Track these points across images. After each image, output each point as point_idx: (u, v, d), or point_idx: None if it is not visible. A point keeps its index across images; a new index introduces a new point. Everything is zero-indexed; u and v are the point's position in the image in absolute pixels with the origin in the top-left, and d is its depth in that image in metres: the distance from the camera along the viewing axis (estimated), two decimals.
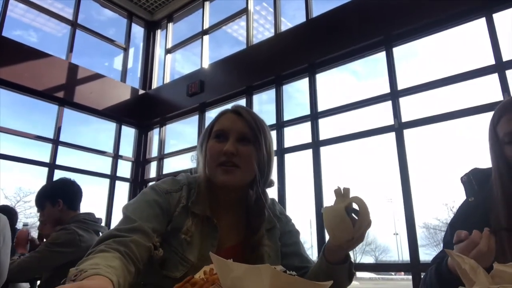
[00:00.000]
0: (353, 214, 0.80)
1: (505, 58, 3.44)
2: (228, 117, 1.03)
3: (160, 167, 6.40)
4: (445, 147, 4.70)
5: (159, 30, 7.37)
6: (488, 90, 3.55)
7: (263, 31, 5.94)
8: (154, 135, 6.76)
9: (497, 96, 3.38)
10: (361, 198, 0.79)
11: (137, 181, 6.41)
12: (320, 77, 4.80)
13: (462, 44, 4.08)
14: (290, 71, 4.92)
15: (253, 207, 1.02)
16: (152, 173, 6.53)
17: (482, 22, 3.64)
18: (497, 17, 3.57)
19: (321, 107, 4.66)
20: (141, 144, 6.69)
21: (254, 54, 5.41)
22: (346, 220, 0.77)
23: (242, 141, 0.99)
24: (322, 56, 4.61)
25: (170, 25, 7.16)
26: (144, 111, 6.52)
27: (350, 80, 4.86)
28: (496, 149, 0.98)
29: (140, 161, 6.59)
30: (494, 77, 3.46)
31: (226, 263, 0.56)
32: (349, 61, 4.54)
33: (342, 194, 0.81)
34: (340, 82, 4.93)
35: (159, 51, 7.25)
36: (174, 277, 0.88)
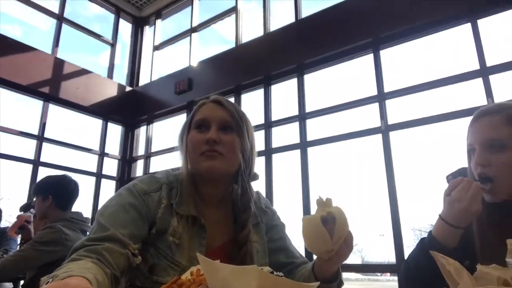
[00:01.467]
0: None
1: (489, 63, 3.51)
2: (208, 106, 1.01)
3: (147, 166, 6.33)
4: (431, 150, 4.78)
5: (147, 27, 7.29)
6: (473, 94, 3.62)
7: (252, 31, 5.93)
8: (141, 133, 6.69)
9: (481, 100, 3.45)
10: (339, 208, 0.77)
11: (123, 180, 6.32)
12: (309, 78, 4.82)
13: (448, 48, 4.15)
14: (279, 71, 4.92)
15: (239, 202, 0.99)
16: (139, 171, 6.45)
17: (467, 27, 3.71)
18: (481, 23, 3.64)
19: (309, 108, 4.68)
20: (127, 142, 6.60)
21: (243, 53, 5.40)
22: (321, 231, 0.75)
23: (224, 129, 0.97)
24: (310, 57, 4.64)
25: (159, 22, 7.09)
26: (131, 108, 6.44)
27: (338, 81, 4.89)
28: (467, 159, 1.00)
29: (126, 159, 6.50)
30: (479, 81, 3.53)
31: (213, 264, 0.56)
32: (337, 62, 4.57)
33: (323, 204, 0.79)
34: (328, 83, 4.96)
35: (147, 47, 7.18)
36: (166, 282, 0.84)
